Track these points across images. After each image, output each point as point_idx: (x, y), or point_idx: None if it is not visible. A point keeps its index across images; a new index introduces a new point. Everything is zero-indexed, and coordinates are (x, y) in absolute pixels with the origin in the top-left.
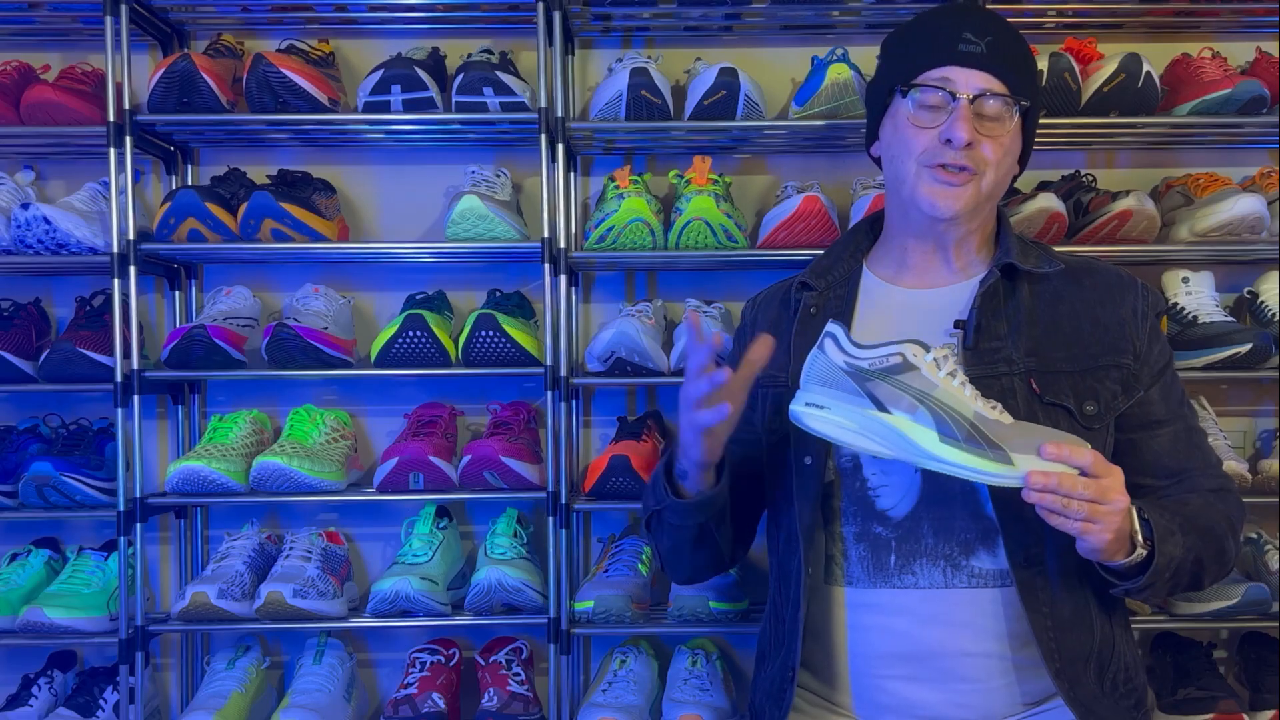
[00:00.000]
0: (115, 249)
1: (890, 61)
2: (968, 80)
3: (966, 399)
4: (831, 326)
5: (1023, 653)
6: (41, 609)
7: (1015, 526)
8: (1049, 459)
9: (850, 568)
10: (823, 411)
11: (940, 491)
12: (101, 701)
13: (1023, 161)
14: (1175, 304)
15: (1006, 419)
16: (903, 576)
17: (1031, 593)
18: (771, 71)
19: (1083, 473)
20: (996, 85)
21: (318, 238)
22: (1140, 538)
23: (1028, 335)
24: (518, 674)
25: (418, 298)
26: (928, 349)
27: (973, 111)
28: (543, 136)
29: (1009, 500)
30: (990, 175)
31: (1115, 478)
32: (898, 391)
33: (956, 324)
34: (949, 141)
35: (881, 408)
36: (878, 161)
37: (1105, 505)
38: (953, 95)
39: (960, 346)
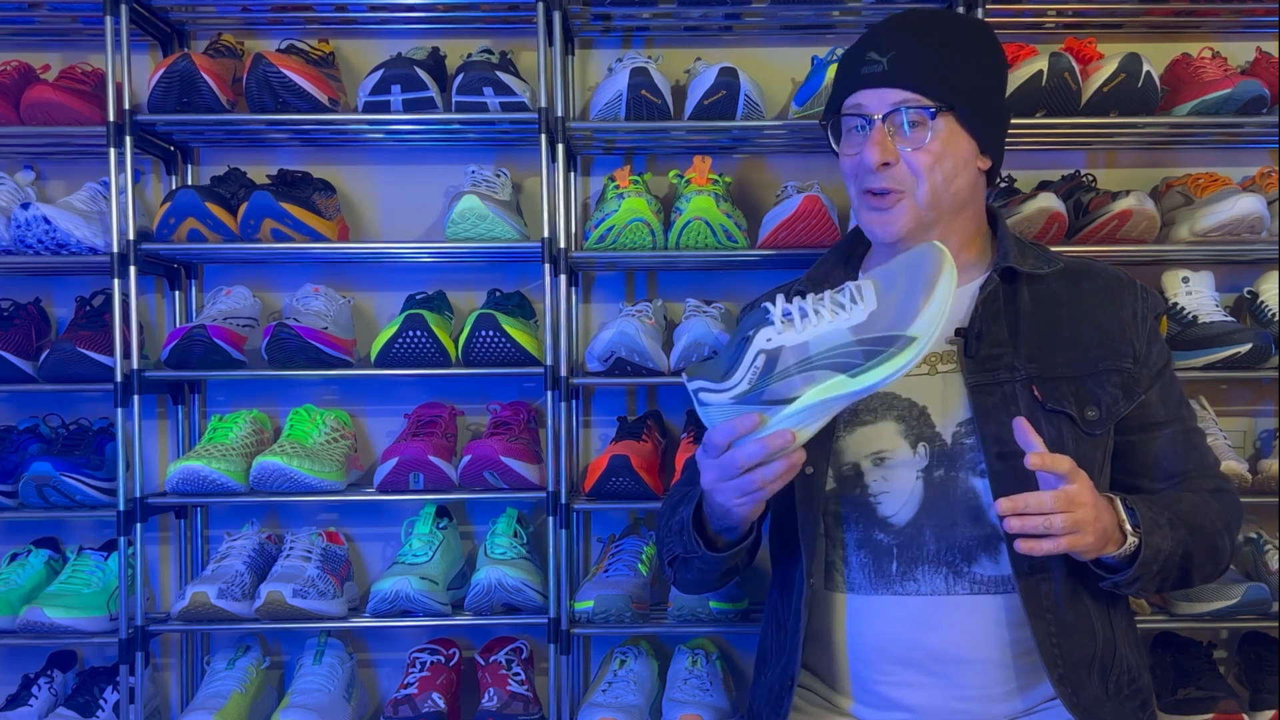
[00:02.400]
0: (115, 249)
1: (830, 96)
2: (878, 100)
3: (838, 325)
4: (689, 383)
5: (1024, 658)
6: (41, 609)
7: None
8: (1034, 469)
9: (851, 574)
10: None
11: (942, 498)
12: (101, 701)
13: (995, 153)
14: (1175, 304)
15: (871, 301)
16: (904, 583)
17: (1035, 599)
18: (771, 71)
19: (1059, 477)
20: (905, 97)
21: (318, 238)
22: (1129, 527)
23: (1028, 341)
24: (518, 674)
25: (418, 298)
26: (769, 318)
27: (887, 129)
28: (543, 136)
29: None
30: (924, 186)
31: (1082, 480)
32: (784, 380)
33: (957, 332)
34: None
35: (790, 400)
36: None
37: (1078, 511)
38: (867, 119)
39: (960, 354)
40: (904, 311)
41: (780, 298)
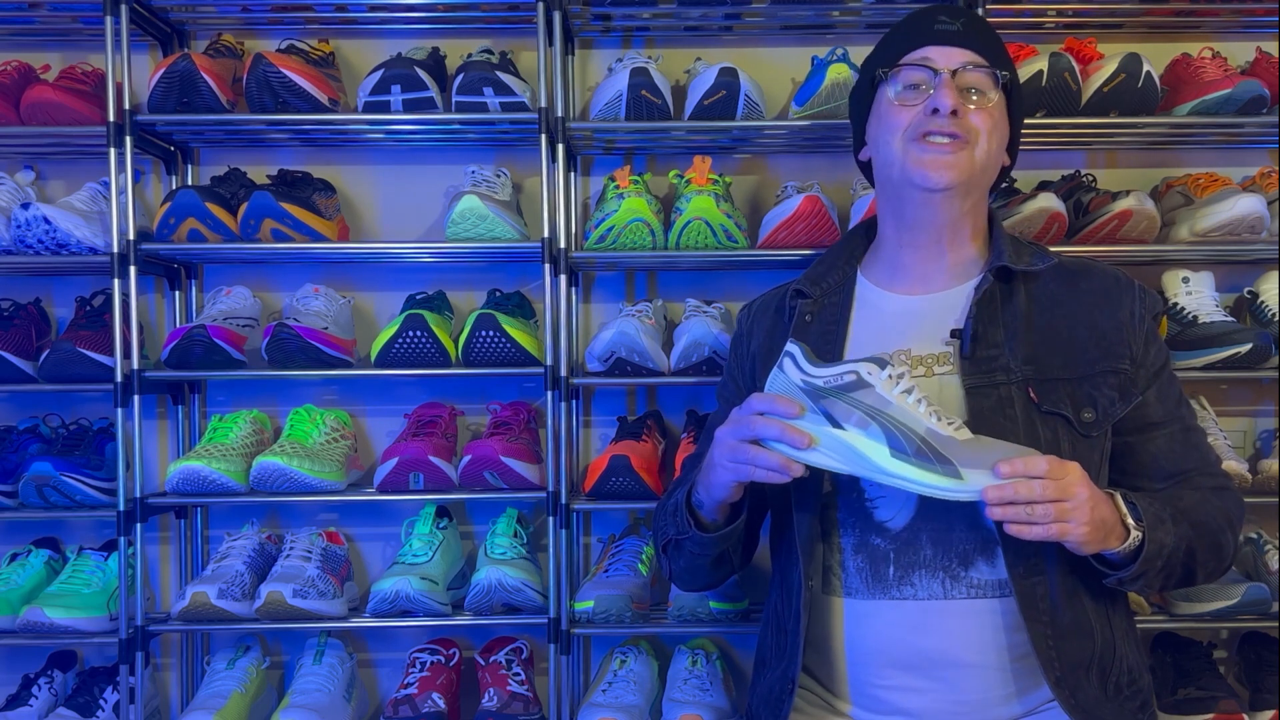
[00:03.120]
0: (115, 249)
1: (869, 65)
2: (947, 56)
3: (920, 415)
4: (790, 346)
5: (1022, 661)
6: (41, 609)
7: (1015, 538)
8: (1005, 477)
9: (849, 579)
10: None
11: (938, 503)
12: (101, 701)
13: (1012, 153)
14: (1175, 304)
15: (963, 435)
16: (901, 588)
17: (1031, 603)
18: (771, 71)
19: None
20: (976, 58)
21: (318, 238)
22: (1131, 521)
23: (1024, 342)
24: (518, 674)
25: (418, 298)
26: (884, 366)
27: (956, 84)
28: (543, 136)
29: None
30: (982, 145)
31: (1073, 473)
32: (850, 408)
33: (953, 333)
34: (935, 111)
35: (835, 424)
36: (864, 168)
37: (1069, 501)
38: (934, 71)
39: (957, 355)
40: (976, 462)
41: (905, 376)
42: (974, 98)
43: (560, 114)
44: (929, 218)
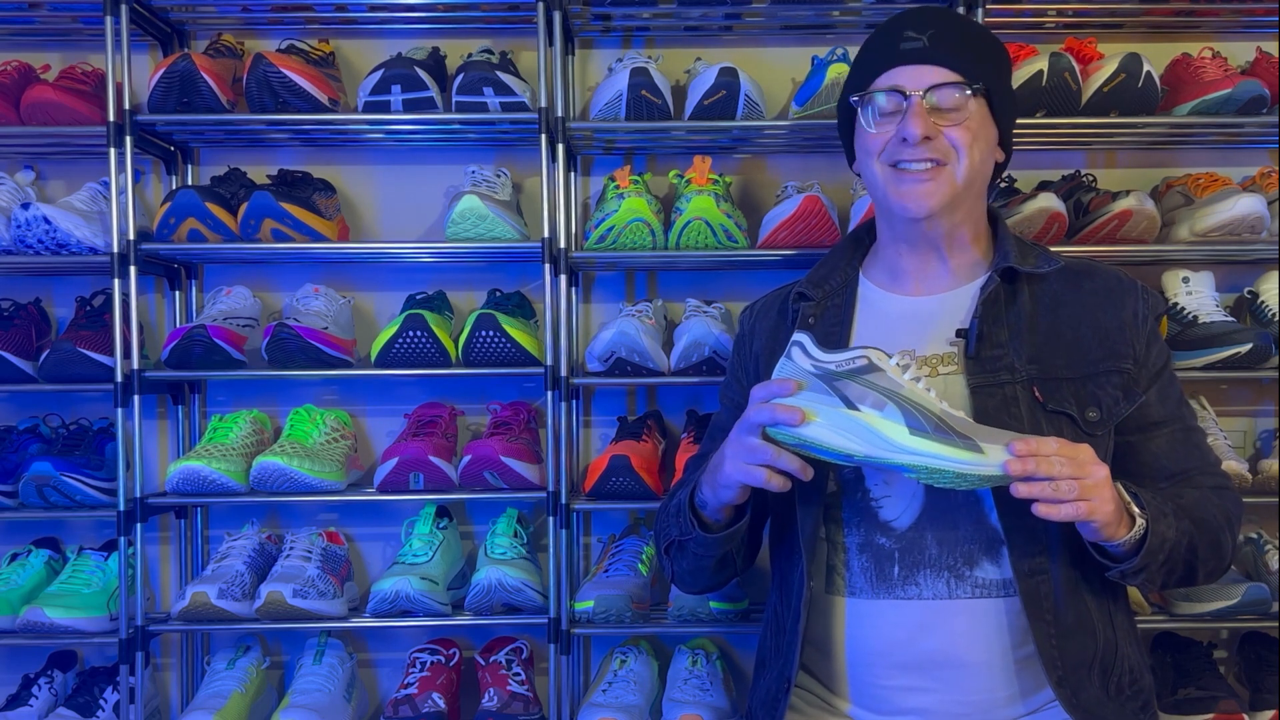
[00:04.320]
0: (115, 249)
1: (849, 79)
2: (916, 77)
3: (932, 399)
4: (798, 336)
5: (1026, 661)
6: (42, 609)
7: (1020, 535)
8: (1020, 454)
9: (853, 579)
10: None
11: (943, 502)
12: (101, 701)
13: (1006, 147)
14: (1175, 304)
15: (970, 421)
16: (906, 588)
17: (1035, 601)
18: (771, 71)
19: None
20: (945, 75)
21: (318, 238)
22: (1135, 509)
23: (1029, 342)
24: (518, 674)
25: (418, 298)
26: (890, 355)
27: (927, 105)
28: (543, 136)
29: (1013, 509)
30: (963, 162)
31: (1085, 451)
32: (865, 389)
33: (958, 333)
34: (905, 139)
35: (851, 405)
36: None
37: (1089, 479)
38: (904, 95)
39: (962, 355)
40: (994, 439)
41: (912, 365)
42: (948, 116)
43: (560, 114)
44: (919, 233)
